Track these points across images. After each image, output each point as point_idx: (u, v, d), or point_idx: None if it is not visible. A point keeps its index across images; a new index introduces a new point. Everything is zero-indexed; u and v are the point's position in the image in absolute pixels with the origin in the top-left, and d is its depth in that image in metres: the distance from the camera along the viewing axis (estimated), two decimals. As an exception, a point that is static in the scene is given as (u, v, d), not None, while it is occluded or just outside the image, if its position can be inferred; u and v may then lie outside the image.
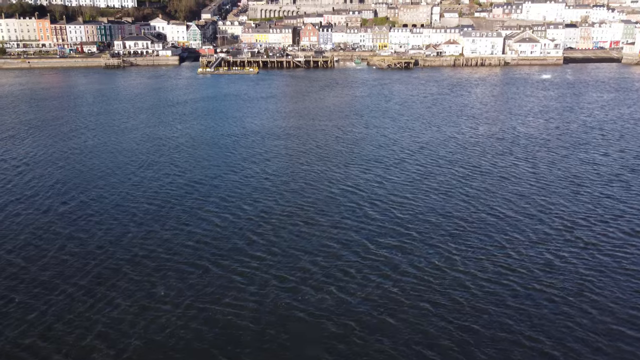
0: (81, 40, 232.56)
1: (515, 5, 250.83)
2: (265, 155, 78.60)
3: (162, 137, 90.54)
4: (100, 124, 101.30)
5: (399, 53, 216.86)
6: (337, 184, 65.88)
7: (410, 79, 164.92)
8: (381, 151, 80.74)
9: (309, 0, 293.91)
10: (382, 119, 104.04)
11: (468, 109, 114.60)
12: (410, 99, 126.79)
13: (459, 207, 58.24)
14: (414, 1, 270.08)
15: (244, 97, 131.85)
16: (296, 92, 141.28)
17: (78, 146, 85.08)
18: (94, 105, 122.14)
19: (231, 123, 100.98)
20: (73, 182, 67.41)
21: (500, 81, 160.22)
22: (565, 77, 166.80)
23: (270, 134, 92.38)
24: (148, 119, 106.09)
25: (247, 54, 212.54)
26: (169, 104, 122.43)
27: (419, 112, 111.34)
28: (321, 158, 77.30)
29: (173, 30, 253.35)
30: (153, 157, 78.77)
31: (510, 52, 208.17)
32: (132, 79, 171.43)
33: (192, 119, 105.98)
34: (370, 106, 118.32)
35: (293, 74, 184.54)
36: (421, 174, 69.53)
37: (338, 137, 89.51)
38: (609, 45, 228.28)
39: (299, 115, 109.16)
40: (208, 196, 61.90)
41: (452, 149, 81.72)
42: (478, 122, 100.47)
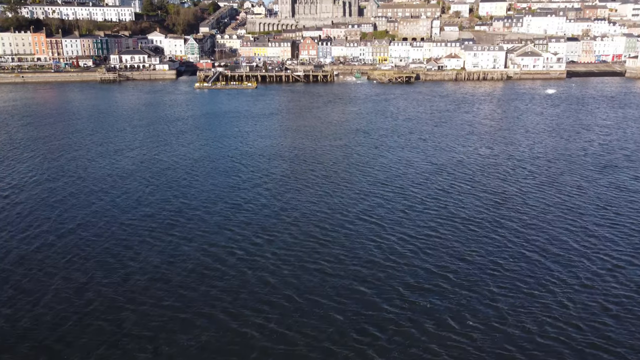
0: (77, 54, 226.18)
1: (515, 19, 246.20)
2: (272, 182, 72.39)
3: (160, 159, 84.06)
4: (95, 144, 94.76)
5: (399, 67, 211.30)
6: (355, 215, 59.63)
7: (413, 94, 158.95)
8: (396, 175, 74.51)
9: (308, 14, 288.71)
10: (392, 138, 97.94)
11: (480, 126, 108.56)
12: (417, 116, 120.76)
13: (492, 243, 52.04)
14: (414, 15, 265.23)
15: (243, 114, 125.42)
16: (297, 108, 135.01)
17: (71, 169, 78.56)
18: (89, 123, 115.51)
19: (232, 144, 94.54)
20: (65, 209, 60.66)
21: (507, 96, 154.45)
22: (571, 92, 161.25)
23: (274, 155, 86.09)
24: (145, 138, 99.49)
25: (246, 68, 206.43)
26: (165, 122, 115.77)
27: (429, 130, 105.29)
28: (332, 183, 71.05)
29: (170, 44, 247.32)
30: (151, 181, 72.43)
31: (513, 66, 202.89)
32: (128, 95, 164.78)
33: (190, 138, 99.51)
34: (377, 124, 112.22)
35: (292, 88, 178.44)
36: (443, 202, 63.21)
37: (348, 159, 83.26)
38: (611, 59, 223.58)
39: (303, 134, 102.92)
40: (215, 233, 55.36)
41: (471, 172, 75.43)
42: (493, 142, 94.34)
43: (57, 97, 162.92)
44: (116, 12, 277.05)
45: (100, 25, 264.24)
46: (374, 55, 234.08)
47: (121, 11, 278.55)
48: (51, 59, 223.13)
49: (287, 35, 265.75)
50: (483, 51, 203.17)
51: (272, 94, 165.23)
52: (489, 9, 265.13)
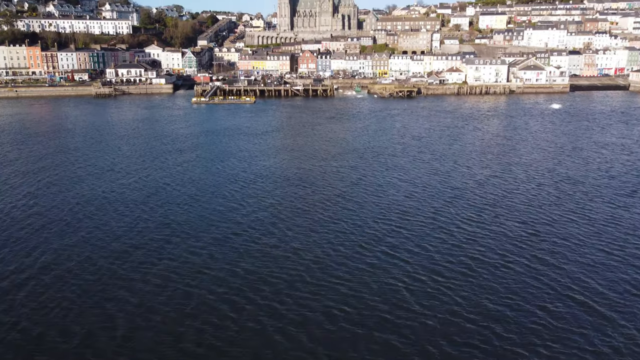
0: (73, 67, 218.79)
1: (516, 32, 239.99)
2: (277, 209, 64.48)
3: (158, 184, 75.89)
4: (89, 165, 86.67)
5: (400, 81, 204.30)
6: (375, 249, 51.93)
7: (417, 110, 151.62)
8: (414, 201, 66.65)
9: (307, 27, 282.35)
10: (403, 158, 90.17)
11: (493, 145, 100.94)
12: (426, 134, 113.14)
13: (532, 285, 44.41)
14: (413, 28, 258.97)
15: (242, 132, 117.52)
16: (299, 125, 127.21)
17: (63, 194, 70.57)
18: (83, 141, 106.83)
19: (233, 165, 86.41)
20: (56, 242, 52.66)
21: (513, 112, 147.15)
22: (578, 107, 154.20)
23: (279, 178, 78.26)
24: (141, 159, 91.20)
25: (244, 82, 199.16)
26: (162, 140, 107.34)
27: (441, 149, 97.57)
28: (345, 210, 63.39)
29: (168, 57, 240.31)
30: (149, 207, 64.59)
31: (515, 79, 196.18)
32: (124, 110, 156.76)
33: (189, 159, 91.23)
34: (385, 142, 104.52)
35: (292, 103, 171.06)
36: (467, 234, 55.52)
37: (358, 182, 75.42)
38: (613, 72, 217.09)
39: (308, 154, 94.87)
40: (221, 281, 47.21)
41: (492, 198, 67.74)
42: (510, 162, 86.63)
43: (50, 112, 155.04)
44: (113, 26, 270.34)
45: (98, 38, 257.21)
46: (374, 69, 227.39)
47: (118, 24, 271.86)
48: (46, 73, 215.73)
49: (286, 48, 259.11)
50: (485, 65, 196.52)
51: (272, 109, 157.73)
52: (489, 22, 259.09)
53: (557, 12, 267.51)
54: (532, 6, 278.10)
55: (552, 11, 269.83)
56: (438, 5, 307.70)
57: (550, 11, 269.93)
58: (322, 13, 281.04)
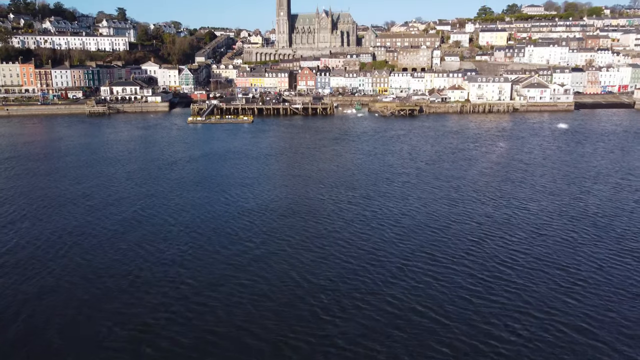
0: (67, 85, 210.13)
1: (517, 49, 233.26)
2: (287, 248, 55.67)
3: (155, 220, 66.60)
4: (81, 195, 77.67)
5: (401, 98, 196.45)
6: (401, 309, 42.79)
7: (422, 129, 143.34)
8: (437, 241, 57.90)
9: (306, 44, 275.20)
10: (419, 186, 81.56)
11: (511, 171, 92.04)
12: (437, 157, 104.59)
13: (592, 347, 35.50)
14: (413, 44, 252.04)
15: (242, 155, 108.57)
16: (302, 147, 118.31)
17: (53, 225, 61.50)
18: (74, 169, 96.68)
19: (234, 196, 77.23)
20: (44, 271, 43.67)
21: (521, 132, 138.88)
22: (587, 127, 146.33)
23: (286, 211, 69.35)
24: (136, 189, 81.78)
25: (242, 100, 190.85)
26: (158, 167, 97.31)
27: (457, 175, 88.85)
28: (363, 252, 54.52)
29: (164, 74, 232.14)
30: (146, 244, 55.70)
31: (519, 97, 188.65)
32: (117, 130, 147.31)
33: (187, 188, 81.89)
34: (396, 167, 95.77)
35: (291, 122, 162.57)
36: (510, 285, 46.81)
37: (375, 217, 66.55)
38: (617, 90, 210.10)
39: (315, 181, 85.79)
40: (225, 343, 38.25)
41: (526, 237, 59.12)
42: (534, 191, 77.95)
43: (42, 133, 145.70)
44: (110, 42, 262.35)
45: (94, 55, 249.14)
46: (373, 86, 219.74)
47: (115, 41, 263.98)
48: (40, 91, 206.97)
49: (285, 65, 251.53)
50: (488, 82, 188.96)
51: (271, 129, 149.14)
52: (489, 39, 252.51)
53: (557, 29, 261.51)
54: (531, 23, 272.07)
55: (552, 28, 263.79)
56: (437, 22, 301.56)
57: (550, 28, 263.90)
58: (321, 30, 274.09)
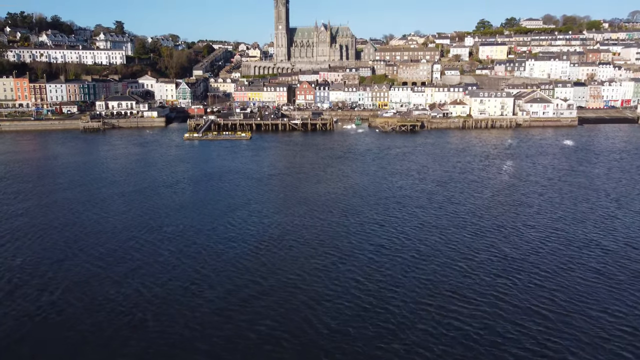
0: (62, 99, 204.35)
1: (518, 63, 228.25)
2: (298, 288, 49.41)
3: (151, 258, 59.96)
4: (72, 223, 71.47)
5: (401, 113, 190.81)
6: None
7: (426, 147, 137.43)
8: (461, 276, 51.97)
9: (304, 57, 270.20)
10: (433, 212, 75.64)
11: (529, 195, 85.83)
12: (448, 178, 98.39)
13: None
14: (412, 58, 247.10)
15: (242, 176, 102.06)
16: (305, 166, 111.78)
17: (33, 254, 55.11)
18: (66, 192, 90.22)
19: (238, 225, 70.82)
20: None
21: (529, 149, 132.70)
22: (595, 144, 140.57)
23: (296, 242, 63.50)
24: (132, 218, 75.19)
25: (240, 115, 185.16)
26: (153, 190, 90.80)
27: (472, 200, 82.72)
28: (382, 287, 48.63)
29: (161, 88, 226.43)
30: (141, 287, 49.53)
31: (521, 112, 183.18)
32: (112, 148, 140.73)
33: (186, 215, 75.48)
34: (406, 189, 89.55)
35: (290, 139, 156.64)
36: (550, 332, 40.30)
37: (391, 247, 60.51)
38: (620, 104, 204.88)
39: (323, 206, 79.49)
40: None
41: (557, 270, 53.28)
42: (557, 219, 71.55)
43: (33, 151, 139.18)
44: (107, 56, 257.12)
45: (90, 68, 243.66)
46: (373, 100, 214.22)
47: (112, 54, 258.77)
48: (34, 105, 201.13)
49: (283, 79, 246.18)
50: (490, 97, 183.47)
51: (270, 146, 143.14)
52: (489, 53, 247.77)
53: (557, 43, 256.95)
54: (531, 36, 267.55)
55: (551, 41, 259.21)
56: (436, 35, 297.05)
57: (550, 41, 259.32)
58: (320, 43, 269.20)
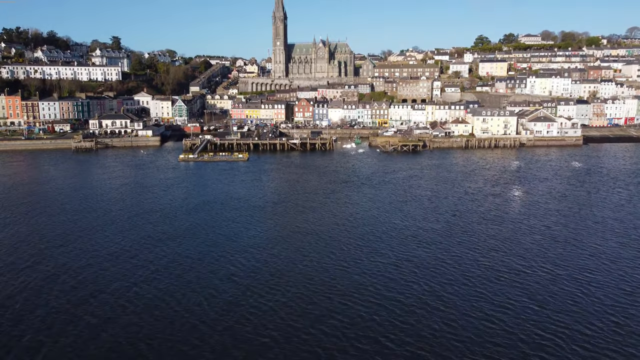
0: (55, 117, 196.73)
1: (519, 80, 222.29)
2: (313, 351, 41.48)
3: (143, 308, 52.17)
4: (56, 268, 62.73)
5: (402, 132, 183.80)
6: None
7: (433, 169, 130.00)
8: (495, 335, 44.05)
9: (302, 74, 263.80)
10: (455, 251, 67.87)
11: (553, 227, 78.20)
12: (462, 206, 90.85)
13: None
14: (411, 74, 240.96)
15: (241, 204, 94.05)
16: (306, 193, 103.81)
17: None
18: (59, 223, 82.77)
19: (242, 268, 62.69)
20: None
21: (540, 172, 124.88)
22: (605, 166, 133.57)
23: (309, 291, 55.58)
24: (123, 257, 66.81)
25: (237, 134, 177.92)
26: (147, 222, 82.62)
27: (493, 233, 75.21)
28: (405, 347, 40.54)
29: (157, 105, 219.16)
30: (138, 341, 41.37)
31: (525, 132, 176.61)
32: (104, 172, 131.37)
33: (182, 254, 67.29)
34: (420, 221, 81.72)
35: (289, 160, 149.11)
36: None
37: (412, 294, 52.45)
38: (623, 122, 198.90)
39: (330, 242, 71.61)
40: None
41: (603, 326, 45.27)
42: (590, 257, 63.80)
43: (22, 173, 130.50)
44: (102, 72, 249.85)
45: (85, 85, 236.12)
46: (373, 118, 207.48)
47: (107, 71, 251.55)
48: (26, 124, 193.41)
49: (281, 95, 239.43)
50: (493, 116, 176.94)
51: (269, 169, 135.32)
52: (489, 69, 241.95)
53: (557, 59, 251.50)
54: (531, 53, 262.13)
55: (551, 58, 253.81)
56: (435, 52, 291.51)
57: (550, 58, 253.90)
58: (318, 59, 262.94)
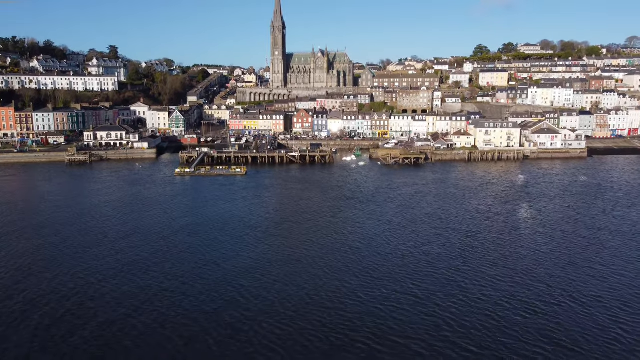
0: (49, 129, 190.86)
1: (520, 90, 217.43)
2: None
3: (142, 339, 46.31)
4: (39, 298, 56.78)
5: (403, 144, 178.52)
6: None
7: (436, 184, 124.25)
8: None
9: (301, 84, 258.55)
10: (474, 277, 61.66)
11: (573, 249, 72.25)
12: (475, 227, 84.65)
13: None
14: (411, 84, 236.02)
15: (240, 226, 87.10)
16: (310, 212, 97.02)
17: None
18: (38, 250, 76.16)
19: (238, 299, 56.40)
20: None
21: (548, 188, 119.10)
22: (615, 179, 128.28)
23: (316, 322, 48.83)
24: (112, 292, 60.00)
25: (234, 146, 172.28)
26: (137, 251, 75.79)
27: (512, 255, 69.03)
28: None
29: (154, 116, 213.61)
30: None
31: (528, 144, 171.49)
32: (98, 186, 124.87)
33: (176, 290, 60.37)
34: (434, 244, 75.32)
35: (289, 174, 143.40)
36: None
37: (435, 327, 46.18)
38: (627, 133, 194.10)
39: (340, 269, 65.04)
40: None
41: None
42: (617, 287, 57.59)
43: (13, 189, 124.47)
44: (98, 82, 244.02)
45: (81, 95, 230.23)
46: (373, 129, 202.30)
47: (104, 81, 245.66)
48: (19, 135, 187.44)
49: (280, 106, 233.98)
50: (495, 128, 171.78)
51: (268, 184, 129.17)
52: (490, 79, 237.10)
53: (557, 69, 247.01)
54: (531, 62, 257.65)
55: (552, 68, 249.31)
56: (433, 60, 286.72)
57: (551, 68, 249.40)
58: (317, 69, 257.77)
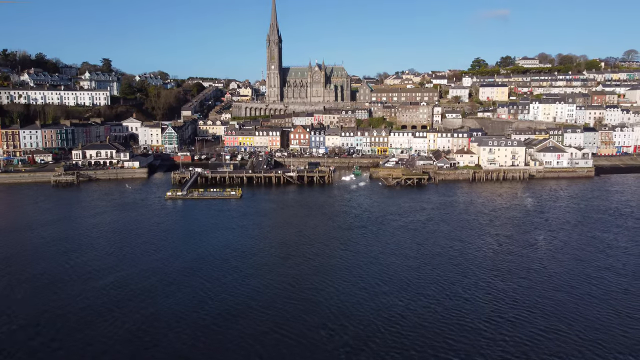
0: (37, 146, 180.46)
1: (521, 105, 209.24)
2: None
3: None
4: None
5: (404, 162, 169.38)
6: None
7: (445, 208, 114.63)
8: None
9: (298, 98, 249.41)
10: (516, 335, 51.59)
11: (610, 293, 63.33)
12: (499, 263, 75.25)
13: None
14: (411, 100, 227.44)
15: (238, 261, 77.44)
16: (315, 243, 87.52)
17: None
18: (22, 286, 67.29)
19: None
20: None
21: (565, 213, 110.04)
22: (630, 201, 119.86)
23: None
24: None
25: (229, 165, 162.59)
26: (124, 296, 66.56)
27: (547, 296, 59.96)
28: None
29: (146, 132, 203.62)
30: None
31: (534, 162, 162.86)
32: (84, 212, 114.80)
33: (170, 339, 51.66)
34: (459, 285, 65.36)
35: (287, 197, 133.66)
36: None
37: None
38: (633, 150, 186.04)
39: (357, 315, 54.93)
40: None
41: None
42: None
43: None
44: (90, 96, 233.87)
45: (71, 110, 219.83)
46: (372, 146, 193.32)
47: (96, 95, 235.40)
48: (5, 154, 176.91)
49: (276, 121, 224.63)
50: (500, 146, 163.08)
51: (266, 209, 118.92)
52: (490, 94, 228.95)
53: (557, 83, 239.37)
54: (531, 76, 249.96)
55: (552, 82, 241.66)
56: (432, 74, 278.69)
57: (551, 82, 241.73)
58: (314, 84, 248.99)
